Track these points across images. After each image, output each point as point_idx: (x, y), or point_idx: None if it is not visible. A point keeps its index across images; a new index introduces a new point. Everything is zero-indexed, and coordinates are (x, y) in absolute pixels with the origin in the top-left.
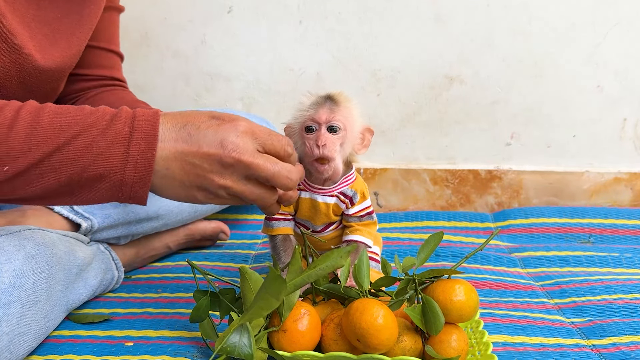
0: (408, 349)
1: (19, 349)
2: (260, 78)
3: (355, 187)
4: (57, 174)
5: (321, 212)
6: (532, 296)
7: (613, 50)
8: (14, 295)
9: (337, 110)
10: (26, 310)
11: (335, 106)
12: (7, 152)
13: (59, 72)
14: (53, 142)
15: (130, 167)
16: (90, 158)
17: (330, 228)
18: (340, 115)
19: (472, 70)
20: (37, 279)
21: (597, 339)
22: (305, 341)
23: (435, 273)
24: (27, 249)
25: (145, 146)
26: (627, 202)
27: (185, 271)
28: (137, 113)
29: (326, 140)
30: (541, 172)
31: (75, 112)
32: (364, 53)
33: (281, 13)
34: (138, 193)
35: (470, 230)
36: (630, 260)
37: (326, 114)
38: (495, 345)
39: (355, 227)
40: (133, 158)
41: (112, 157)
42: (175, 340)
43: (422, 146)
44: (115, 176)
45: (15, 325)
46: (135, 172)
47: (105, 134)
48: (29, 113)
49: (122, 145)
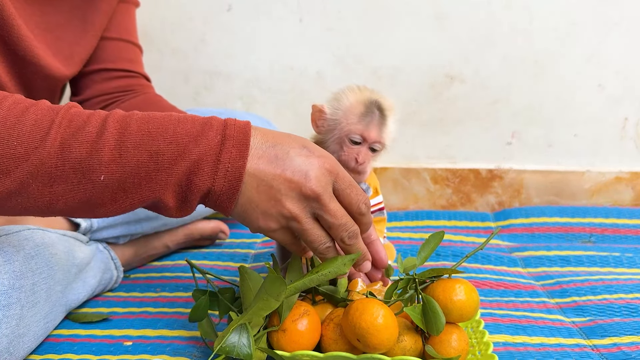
0: (408, 349)
1: (18, 351)
2: (260, 76)
3: (369, 182)
4: (147, 180)
5: None
6: (533, 296)
7: (614, 49)
8: (13, 297)
9: (384, 130)
10: (25, 312)
11: (384, 125)
12: (98, 161)
13: (59, 81)
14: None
15: (220, 175)
16: (181, 167)
17: None
18: (385, 135)
19: (472, 69)
20: (37, 280)
21: (598, 339)
22: (304, 341)
23: (435, 272)
24: (27, 250)
25: (237, 154)
26: (628, 201)
27: (184, 270)
28: (229, 122)
29: (366, 159)
30: (542, 171)
31: (165, 120)
32: (364, 51)
33: (281, 11)
34: (224, 202)
35: (471, 230)
36: (631, 260)
37: (375, 133)
38: (496, 345)
39: None
40: (224, 165)
41: (204, 163)
42: (174, 340)
43: (423, 145)
44: (205, 184)
45: (14, 327)
46: (225, 179)
47: (198, 142)
48: (116, 121)
49: (213, 154)
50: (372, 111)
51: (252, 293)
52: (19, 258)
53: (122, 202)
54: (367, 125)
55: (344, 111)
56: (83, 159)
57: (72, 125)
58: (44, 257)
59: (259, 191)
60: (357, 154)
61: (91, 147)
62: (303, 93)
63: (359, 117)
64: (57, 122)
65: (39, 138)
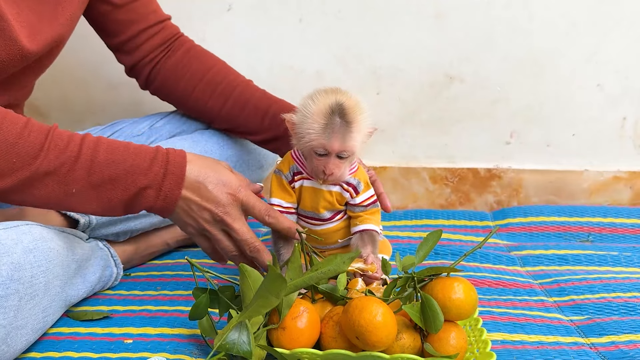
0: (407, 347)
1: (16, 343)
2: (259, 76)
3: (358, 176)
4: (107, 194)
5: (325, 199)
6: (531, 294)
7: (613, 49)
8: (11, 288)
9: (349, 137)
10: (24, 304)
11: (349, 132)
12: (73, 177)
13: (22, 55)
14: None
15: (160, 199)
16: (133, 189)
17: (337, 217)
18: (352, 142)
19: (472, 69)
20: (35, 273)
21: (596, 337)
22: (304, 339)
23: (434, 271)
24: (25, 243)
25: (174, 185)
26: (627, 201)
27: (184, 269)
28: (170, 158)
29: (334, 169)
30: (541, 170)
31: (125, 150)
32: (364, 51)
33: (281, 11)
34: (162, 214)
35: (470, 229)
36: (629, 259)
37: (338, 143)
38: (494, 343)
39: (364, 216)
40: (164, 193)
41: (150, 190)
42: (174, 338)
43: (422, 145)
44: (149, 203)
45: (12, 318)
46: (164, 202)
47: (147, 175)
48: (89, 148)
49: (157, 184)
50: (332, 121)
51: (252, 291)
52: (18, 250)
53: (84, 207)
54: (328, 137)
55: (307, 124)
56: (62, 175)
57: (56, 148)
58: (43, 251)
59: (184, 210)
60: (325, 166)
61: (69, 167)
62: (303, 93)
63: (319, 130)
64: (46, 146)
65: (32, 156)
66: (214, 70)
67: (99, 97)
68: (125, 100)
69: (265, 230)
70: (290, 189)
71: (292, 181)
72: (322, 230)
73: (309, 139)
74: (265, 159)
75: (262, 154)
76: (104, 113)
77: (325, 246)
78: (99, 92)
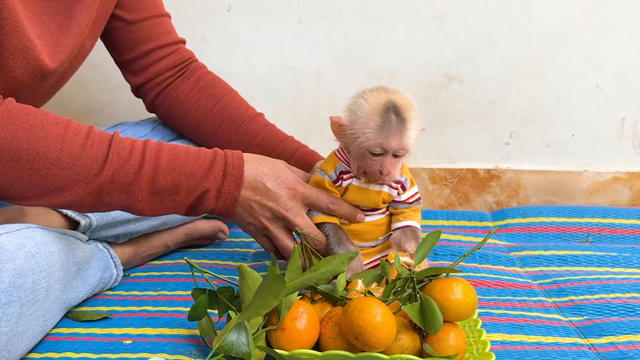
0: (406, 347)
1: (17, 348)
2: (259, 76)
3: (404, 173)
4: (170, 199)
5: (370, 198)
6: (530, 295)
7: (612, 49)
8: (13, 295)
9: (405, 135)
10: (25, 310)
11: (405, 130)
12: (138, 186)
13: (44, 74)
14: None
15: (221, 201)
16: (195, 194)
17: (382, 210)
18: (408, 139)
19: (471, 70)
20: (37, 278)
21: (595, 338)
22: (303, 340)
23: (433, 272)
24: (27, 248)
25: (234, 187)
26: (626, 201)
27: (183, 269)
28: (228, 160)
29: (391, 169)
30: (540, 171)
31: (185, 155)
32: (364, 52)
33: (281, 12)
34: (223, 215)
35: (469, 229)
36: (628, 259)
37: (396, 141)
38: (493, 344)
39: (407, 212)
40: (224, 195)
41: (210, 193)
42: (173, 338)
43: (421, 145)
44: (211, 206)
45: (14, 325)
46: (225, 204)
47: (207, 179)
48: (151, 156)
49: (217, 187)
50: (388, 120)
51: (251, 292)
52: (20, 256)
53: (147, 211)
54: (386, 136)
55: (361, 124)
56: (127, 184)
57: (120, 158)
58: (45, 256)
59: (245, 210)
60: (381, 166)
61: (134, 176)
62: (302, 93)
63: (376, 129)
64: (109, 157)
65: (97, 168)
66: (221, 104)
67: (98, 98)
68: (124, 102)
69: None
70: (332, 188)
71: (338, 180)
72: (367, 222)
73: (365, 139)
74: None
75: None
76: (103, 114)
77: (365, 243)
78: (98, 93)
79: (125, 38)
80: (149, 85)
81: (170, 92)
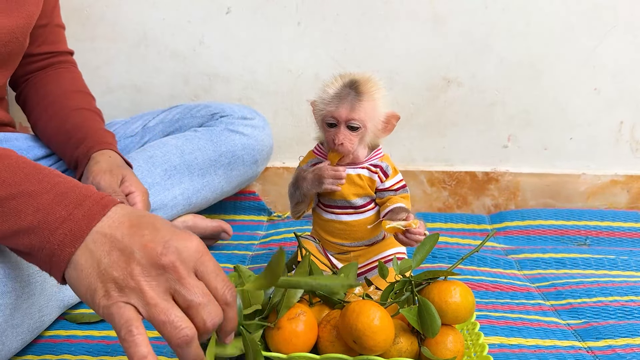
0: (404, 351)
1: (11, 342)
2: (258, 79)
3: (385, 160)
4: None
5: (354, 182)
6: (528, 298)
7: (610, 53)
8: (8, 286)
9: (358, 107)
10: (21, 303)
11: (358, 101)
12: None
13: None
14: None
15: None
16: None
17: (370, 207)
18: (361, 113)
19: (469, 72)
20: (32, 272)
21: (593, 341)
22: (300, 342)
23: (431, 275)
24: None
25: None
26: (624, 204)
27: None
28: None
29: (344, 139)
30: (538, 174)
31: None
32: (362, 54)
33: (280, 14)
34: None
35: (467, 232)
36: (626, 262)
37: (346, 112)
38: (491, 347)
39: (394, 198)
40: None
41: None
42: None
43: (420, 148)
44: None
45: (8, 316)
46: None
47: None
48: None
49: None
50: (342, 91)
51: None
52: None
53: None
54: (337, 105)
55: (321, 98)
56: None
57: None
58: None
59: (109, 254)
60: (335, 136)
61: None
62: (301, 95)
63: (329, 99)
64: None
65: None
66: (53, 96)
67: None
68: (122, 103)
69: (258, 242)
70: None
71: None
72: (355, 221)
73: (319, 109)
74: (260, 154)
75: (257, 150)
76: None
77: (352, 242)
78: (96, 95)
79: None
80: (17, 79)
81: (32, 80)
